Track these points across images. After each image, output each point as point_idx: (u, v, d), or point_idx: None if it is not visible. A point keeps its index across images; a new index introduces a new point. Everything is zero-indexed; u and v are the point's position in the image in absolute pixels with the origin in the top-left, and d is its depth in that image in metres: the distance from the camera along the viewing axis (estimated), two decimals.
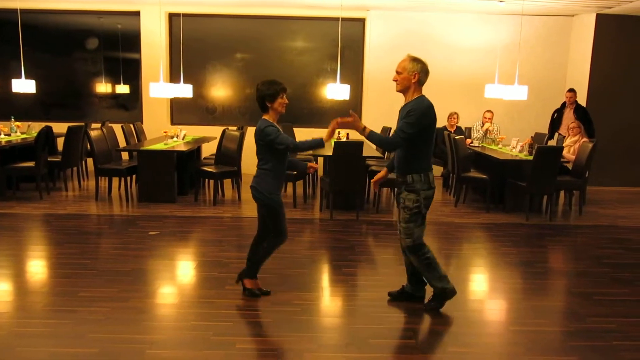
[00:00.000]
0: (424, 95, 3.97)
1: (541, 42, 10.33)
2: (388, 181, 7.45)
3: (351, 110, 4.15)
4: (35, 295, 4.41)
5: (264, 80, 4.29)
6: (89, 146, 7.96)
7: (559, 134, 9.17)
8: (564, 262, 5.95)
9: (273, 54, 10.72)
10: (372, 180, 4.44)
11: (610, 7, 9.01)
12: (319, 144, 4.17)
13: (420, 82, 3.93)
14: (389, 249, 6.00)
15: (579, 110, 8.99)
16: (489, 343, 3.80)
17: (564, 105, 9.24)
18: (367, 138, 3.94)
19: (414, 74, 3.89)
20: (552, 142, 9.20)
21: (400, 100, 4.06)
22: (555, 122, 9.31)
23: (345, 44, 10.18)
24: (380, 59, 10.23)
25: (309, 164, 4.53)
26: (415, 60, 3.93)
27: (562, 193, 8.56)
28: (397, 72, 3.96)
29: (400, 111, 4.04)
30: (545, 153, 7.19)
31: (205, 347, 3.56)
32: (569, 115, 9.06)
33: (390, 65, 10.10)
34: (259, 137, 4.20)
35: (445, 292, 4.16)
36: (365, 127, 3.92)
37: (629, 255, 5.94)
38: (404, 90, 3.98)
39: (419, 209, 3.99)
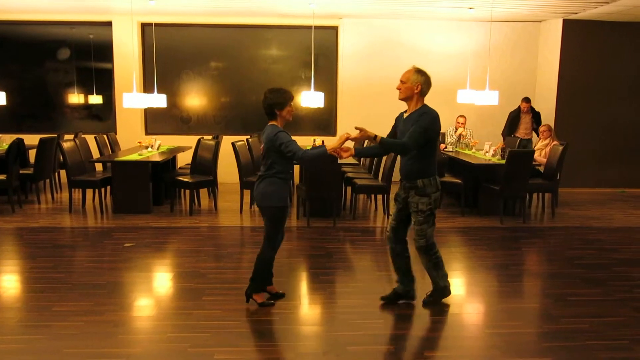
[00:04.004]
0: (427, 105, 4.15)
1: (510, 48, 10.51)
2: (368, 187, 7.50)
3: (356, 126, 4.16)
4: (8, 311, 4.34)
5: (272, 88, 4.35)
6: (61, 158, 7.86)
7: (515, 136, 9.57)
8: (537, 264, 6.04)
9: (247, 63, 10.72)
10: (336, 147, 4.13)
11: (576, 13, 9.21)
12: (323, 152, 4.16)
13: (422, 93, 4.12)
14: (366, 255, 6.04)
15: (536, 117, 9.69)
16: (466, 346, 3.85)
17: (519, 110, 9.72)
18: (380, 145, 4.02)
19: (417, 85, 4.07)
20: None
21: (375, 104, 4.13)
22: (513, 125, 9.76)
23: (319, 51, 10.23)
24: (354, 67, 10.30)
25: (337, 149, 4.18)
26: (419, 72, 4.11)
27: (535, 195, 8.71)
28: (401, 82, 4.13)
29: (402, 120, 4.22)
30: (517, 157, 7.31)
31: (182, 359, 3.54)
32: (526, 120, 9.69)
33: (363, 72, 10.27)
34: (271, 143, 4.17)
35: (445, 290, 4.44)
36: (376, 136, 4.00)
37: (601, 255, 6.06)
38: (406, 99, 4.16)
39: (432, 210, 4.19)
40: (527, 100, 9.63)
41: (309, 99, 8.68)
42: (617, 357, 3.66)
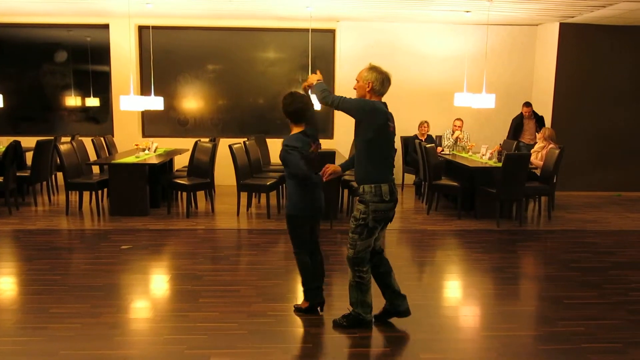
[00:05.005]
0: (379, 101, 3.88)
1: (507, 51, 10.55)
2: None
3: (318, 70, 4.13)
4: (5, 313, 4.34)
5: (294, 93, 4.18)
6: (58, 160, 7.86)
7: (521, 141, 9.64)
8: (534, 266, 6.06)
9: (244, 65, 10.73)
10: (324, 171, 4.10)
11: (572, 17, 9.25)
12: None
13: (375, 91, 3.85)
14: None
15: (539, 121, 9.77)
16: (462, 349, 3.86)
17: (522, 116, 9.77)
18: (315, 85, 3.90)
19: (368, 83, 3.83)
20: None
21: None
22: (517, 132, 9.80)
23: (316, 54, 10.25)
24: (351, 69, 10.26)
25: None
26: (372, 69, 3.88)
27: (531, 199, 8.72)
28: (356, 80, 3.93)
29: None
30: (513, 160, 7.34)
31: None
32: (530, 126, 9.77)
33: None
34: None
35: (359, 320, 4.04)
36: (317, 80, 3.91)
37: (596, 258, 6.08)
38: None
39: (365, 221, 3.84)
40: (527, 104, 9.65)
41: None
42: None
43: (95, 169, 8.81)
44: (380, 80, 3.84)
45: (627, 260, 6.05)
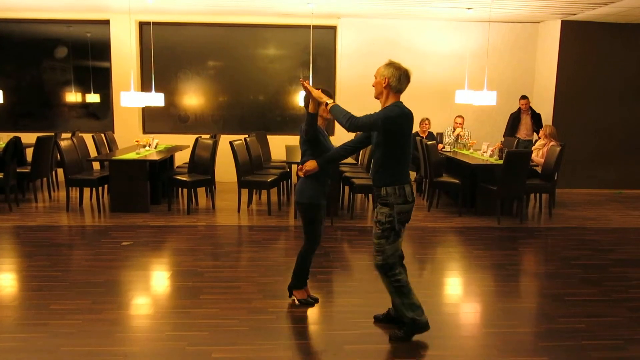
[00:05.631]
0: (401, 102, 3.76)
1: (509, 48, 10.53)
2: (366, 187, 7.50)
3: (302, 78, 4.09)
4: (6, 310, 4.33)
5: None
6: (59, 156, 7.85)
7: (517, 137, 9.62)
8: (534, 264, 6.06)
9: (245, 62, 10.72)
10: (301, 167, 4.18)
11: (574, 14, 9.23)
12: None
13: (392, 88, 3.71)
14: (363, 254, 6.05)
15: (535, 117, 9.73)
16: (463, 345, 3.86)
17: (520, 110, 9.75)
18: (330, 111, 3.79)
19: (385, 79, 3.70)
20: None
21: (373, 105, 3.95)
22: (514, 127, 9.79)
23: (317, 51, 10.23)
24: (352, 66, 10.31)
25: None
26: (389, 65, 3.76)
27: (532, 196, 8.73)
28: (374, 77, 3.82)
29: None
30: (515, 157, 7.33)
31: (180, 357, 3.54)
32: (526, 121, 9.75)
33: (362, 72, 10.27)
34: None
35: (415, 324, 3.83)
36: (327, 103, 3.78)
37: (597, 256, 6.08)
38: (378, 96, 3.79)
39: (392, 224, 3.73)
40: (524, 97, 9.66)
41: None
42: (612, 357, 3.68)
43: (96, 165, 8.80)
44: (397, 77, 3.71)
45: (627, 258, 6.05)
